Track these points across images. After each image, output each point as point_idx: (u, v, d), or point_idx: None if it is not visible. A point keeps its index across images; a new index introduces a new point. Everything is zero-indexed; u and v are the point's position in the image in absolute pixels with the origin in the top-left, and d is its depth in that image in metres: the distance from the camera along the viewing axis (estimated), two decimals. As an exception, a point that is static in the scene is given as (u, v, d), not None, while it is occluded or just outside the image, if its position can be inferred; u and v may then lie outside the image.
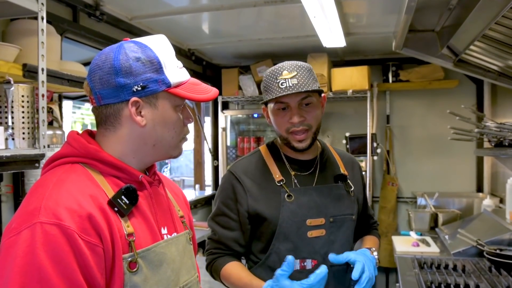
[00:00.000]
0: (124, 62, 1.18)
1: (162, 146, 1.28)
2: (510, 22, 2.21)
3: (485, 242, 3.19)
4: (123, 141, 1.24)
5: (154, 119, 1.23)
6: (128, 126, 1.23)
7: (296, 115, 1.77)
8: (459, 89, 4.96)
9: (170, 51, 1.27)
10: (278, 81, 1.75)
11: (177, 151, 1.33)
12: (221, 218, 1.89)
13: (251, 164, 1.92)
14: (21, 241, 1.02)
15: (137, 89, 1.19)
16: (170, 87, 1.22)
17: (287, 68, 1.78)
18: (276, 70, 1.79)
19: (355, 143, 4.92)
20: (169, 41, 1.30)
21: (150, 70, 1.20)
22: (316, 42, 4.10)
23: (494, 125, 3.27)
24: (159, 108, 1.23)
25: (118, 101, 1.20)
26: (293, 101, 1.78)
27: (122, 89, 1.18)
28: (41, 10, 2.05)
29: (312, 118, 1.81)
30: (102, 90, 1.20)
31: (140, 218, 1.23)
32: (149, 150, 1.27)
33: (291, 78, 1.74)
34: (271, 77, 1.79)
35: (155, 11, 3.60)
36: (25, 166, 2.06)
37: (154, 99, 1.22)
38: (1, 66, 2.00)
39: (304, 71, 1.77)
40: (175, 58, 1.29)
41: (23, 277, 0.99)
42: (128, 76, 1.18)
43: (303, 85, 1.73)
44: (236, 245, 1.87)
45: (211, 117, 5.83)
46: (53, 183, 1.12)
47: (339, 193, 1.90)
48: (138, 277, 1.15)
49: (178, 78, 1.25)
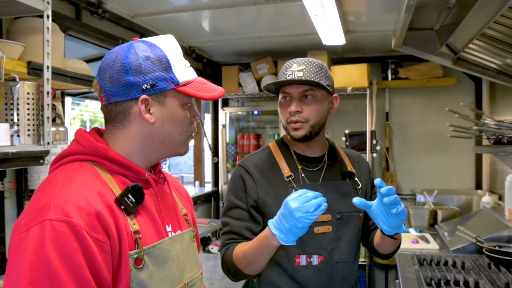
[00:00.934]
0: (134, 61, 1.20)
1: (170, 143, 1.30)
2: (508, 21, 2.23)
3: (484, 239, 3.21)
4: (132, 138, 1.26)
5: (162, 116, 1.25)
6: (137, 123, 1.25)
7: (293, 105, 1.81)
8: (458, 86, 4.98)
9: (178, 50, 1.30)
10: (286, 73, 1.81)
11: (184, 148, 1.35)
12: (233, 211, 1.87)
13: (261, 160, 1.94)
14: (31, 238, 1.04)
15: (146, 87, 1.21)
16: (179, 85, 1.25)
17: (297, 62, 1.83)
18: (288, 63, 1.85)
19: (354, 140, 4.93)
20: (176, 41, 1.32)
21: (159, 68, 1.22)
22: (316, 40, 4.12)
23: (493, 123, 3.29)
24: (168, 106, 1.25)
25: (128, 99, 1.22)
26: (294, 91, 1.82)
27: (132, 87, 1.21)
28: (47, 9, 2.06)
29: (310, 111, 1.83)
30: (112, 88, 1.21)
31: (145, 215, 1.24)
32: (157, 148, 1.29)
33: (298, 71, 1.79)
34: (283, 69, 1.85)
35: (157, 9, 3.62)
36: (30, 162, 2.07)
37: (163, 97, 1.24)
38: (6, 64, 2.01)
39: (314, 66, 1.81)
40: (183, 58, 1.31)
41: (32, 272, 1.01)
42: (137, 74, 1.20)
43: (307, 78, 1.78)
44: (249, 232, 1.84)
45: (211, 114, 5.85)
46: (62, 180, 1.14)
47: (347, 190, 1.91)
48: (144, 273, 1.17)
49: (186, 77, 1.27)
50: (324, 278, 1.83)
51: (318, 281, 1.83)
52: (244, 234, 1.83)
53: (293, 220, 1.50)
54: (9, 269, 1.06)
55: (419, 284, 2.71)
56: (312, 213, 1.50)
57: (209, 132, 5.83)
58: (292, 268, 1.82)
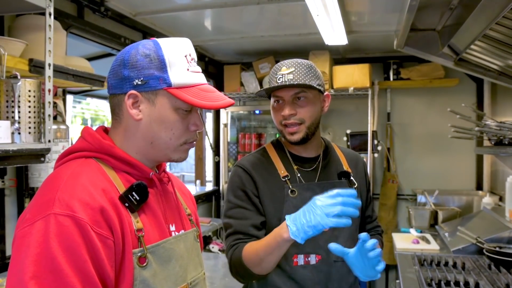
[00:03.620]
0: (133, 57, 1.23)
1: (160, 145, 1.28)
2: (510, 23, 2.23)
3: (484, 240, 3.21)
4: (125, 133, 1.28)
5: (150, 115, 1.25)
6: (128, 118, 1.26)
7: (287, 108, 1.82)
8: (459, 87, 4.98)
9: (183, 52, 1.26)
10: (276, 77, 1.83)
11: (177, 155, 1.31)
12: (234, 211, 1.86)
13: (257, 159, 1.95)
14: (35, 232, 1.04)
15: (138, 83, 1.22)
16: (171, 86, 1.23)
17: (286, 64, 1.85)
18: (277, 66, 1.88)
19: (356, 140, 4.94)
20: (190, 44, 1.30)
21: (154, 67, 1.22)
22: (318, 40, 4.13)
23: (494, 124, 3.29)
24: (157, 105, 1.24)
25: (121, 93, 1.25)
26: (286, 95, 1.83)
27: (125, 81, 1.23)
28: (49, 6, 2.06)
29: (305, 112, 1.84)
30: (111, 80, 1.26)
31: (149, 214, 1.25)
32: (149, 148, 1.28)
33: (288, 74, 1.81)
34: (272, 73, 1.87)
35: (159, 8, 3.62)
36: (31, 160, 2.07)
37: (153, 96, 1.24)
38: (8, 61, 2.01)
39: (303, 67, 1.82)
40: (189, 61, 1.27)
41: (36, 266, 1.01)
42: (132, 69, 1.22)
43: (297, 80, 1.79)
44: (254, 229, 1.82)
45: (213, 113, 5.86)
46: (67, 176, 1.15)
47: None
48: (147, 271, 1.18)
49: (184, 80, 1.25)
50: (322, 277, 1.84)
51: (317, 280, 1.84)
52: (250, 232, 1.82)
53: (310, 217, 1.48)
54: (13, 262, 1.07)
55: (419, 284, 2.71)
56: (330, 218, 1.46)
57: (211, 131, 5.84)
58: (290, 268, 1.83)
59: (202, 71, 1.32)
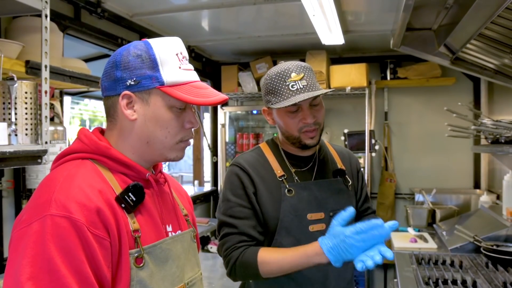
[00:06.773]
0: (124, 58, 1.23)
1: (156, 144, 1.28)
2: (506, 22, 2.24)
3: (482, 238, 3.22)
4: (121, 134, 1.28)
5: (145, 115, 1.25)
6: (123, 119, 1.27)
7: (309, 116, 1.82)
8: (456, 86, 4.99)
9: (174, 51, 1.27)
10: (288, 84, 1.78)
11: (174, 153, 1.32)
12: (234, 209, 1.85)
13: (253, 158, 1.95)
14: (32, 233, 1.05)
15: (131, 83, 1.23)
16: (163, 85, 1.24)
17: (294, 70, 1.80)
18: (283, 72, 1.81)
19: (353, 140, 4.94)
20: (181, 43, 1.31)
21: (146, 67, 1.23)
22: (315, 40, 4.13)
23: (491, 122, 3.29)
24: (151, 105, 1.25)
25: (115, 94, 1.25)
26: (305, 102, 1.81)
27: (119, 82, 1.23)
28: (45, 8, 2.06)
29: (320, 117, 1.87)
30: (105, 82, 1.26)
31: (146, 215, 1.25)
32: (145, 148, 1.29)
33: (300, 80, 1.78)
34: (279, 80, 1.80)
35: (156, 8, 3.63)
36: (27, 162, 2.07)
37: (147, 95, 1.24)
38: (4, 63, 2.01)
39: (309, 71, 1.83)
40: (180, 59, 1.29)
41: (33, 267, 1.02)
42: (125, 70, 1.23)
43: (313, 86, 1.78)
44: (256, 233, 1.84)
45: (211, 113, 5.86)
46: (63, 177, 1.15)
47: (338, 187, 1.94)
48: (144, 272, 1.18)
49: (176, 78, 1.25)
50: (320, 276, 1.85)
51: (315, 278, 1.85)
52: (253, 235, 1.83)
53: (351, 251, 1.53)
54: (9, 264, 1.07)
55: (417, 283, 2.72)
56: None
57: (209, 132, 5.83)
58: None
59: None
